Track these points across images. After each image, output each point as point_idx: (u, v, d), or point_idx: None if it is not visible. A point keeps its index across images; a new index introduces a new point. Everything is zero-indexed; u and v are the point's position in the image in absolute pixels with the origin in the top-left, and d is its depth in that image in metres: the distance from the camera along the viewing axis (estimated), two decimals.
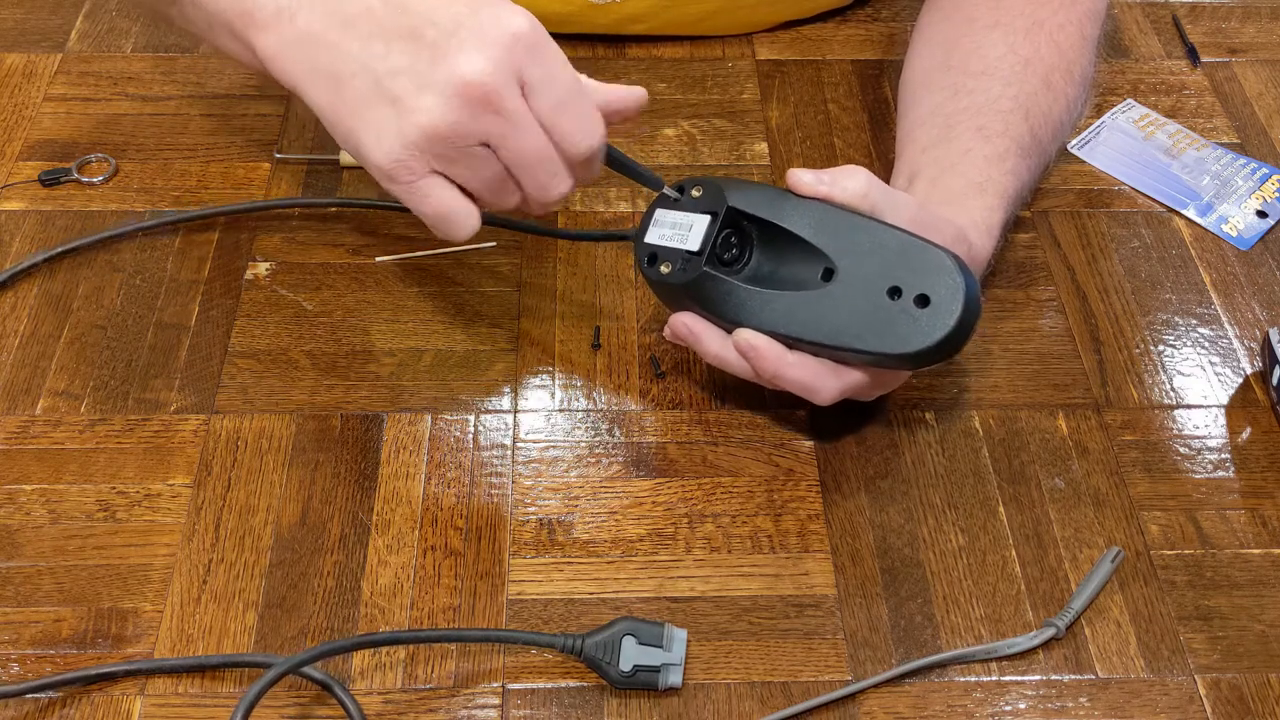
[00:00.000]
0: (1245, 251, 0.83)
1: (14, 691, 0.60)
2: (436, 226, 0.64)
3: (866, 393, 0.69)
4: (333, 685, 0.61)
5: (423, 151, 0.61)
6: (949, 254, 0.64)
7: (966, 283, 0.63)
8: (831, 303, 0.65)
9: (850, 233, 0.65)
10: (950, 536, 0.68)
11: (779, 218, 0.67)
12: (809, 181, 0.66)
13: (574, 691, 0.62)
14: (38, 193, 0.84)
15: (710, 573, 0.67)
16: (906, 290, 0.64)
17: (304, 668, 0.60)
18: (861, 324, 0.64)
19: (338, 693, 0.60)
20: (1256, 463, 0.72)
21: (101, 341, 0.76)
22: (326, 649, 0.60)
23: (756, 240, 0.68)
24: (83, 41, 0.95)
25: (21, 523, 0.68)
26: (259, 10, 0.64)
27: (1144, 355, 0.77)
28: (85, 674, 0.61)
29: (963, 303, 0.63)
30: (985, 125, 0.76)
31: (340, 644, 0.61)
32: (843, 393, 0.67)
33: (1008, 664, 0.64)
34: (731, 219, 0.68)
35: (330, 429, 0.72)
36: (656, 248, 0.68)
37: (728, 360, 0.67)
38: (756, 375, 0.67)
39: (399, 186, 0.62)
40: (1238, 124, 0.92)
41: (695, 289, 0.67)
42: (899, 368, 0.67)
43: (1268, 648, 0.65)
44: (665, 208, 0.69)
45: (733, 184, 0.68)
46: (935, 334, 0.63)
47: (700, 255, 0.67)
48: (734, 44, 0.96)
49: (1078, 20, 0.82)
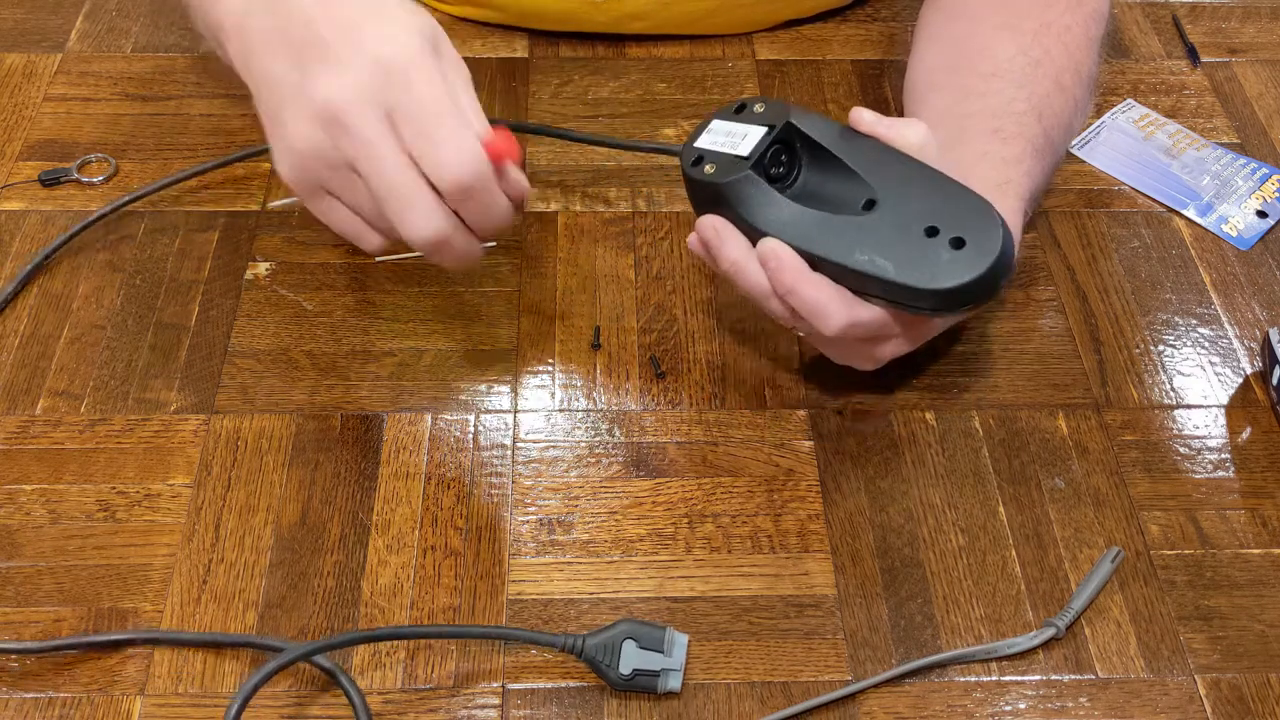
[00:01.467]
0: (1245, 251, 0.83)
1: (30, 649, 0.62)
2: (345, 239, 0.64)
3: (873, 347, 0.68)
4: (338, 674, 0.61)
5: (303, 170, 0.61)
6: (992, 207, 0.64)
7: (1005, 237, 0.63)
8: (868, 231, 0.64)
9: (899, 170, 0.66)
10: (950, 536, 0.68)
11: (833, 145, 0.67)
12: (870, 120, 0.67)
13: (574, 692, 0.62)
14: (38, 193, 0.84)
15: (710, 573, 0.67)
16: (944, 230, 0.63)
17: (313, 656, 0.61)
18: (894, 254, 0.63)
19: (342, 682, 0.61)
20: (1256, 463, 0.72)
21: (101, 341, 0.76)
22: (330, 643, 0.60)
23: (805, 164, 0.68)
24: (83, 41, 0.95)
25: (21, 523, 0.68)
26: (226, 18, 0.65)
27: (1144, 355, 0.77)
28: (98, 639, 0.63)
29: (998, 251, 0.63)
30: (1001, 127, 0.75)
31: (343, 638, 0.61)
32: (852, 325, 0.65)
33: (1008, 664, 0.64)
34: (786, 136, 0.68)
35: (330, 429, 0.72)
36: (705, 151, 0.68)
37: (745, 270, 0.66)
38: (771, 290, 0.65)
39: (303, 201, 0.63)
40: (1238, 124, 0.92)
41: (734, 191, 0.66)
42: (919, 308, 0.65)
43: (1268, 648, 0.65)
44: (723, 119, 0.70)
45: (796, 107, 0.69)
46: (965, 276, 0.62)
47: (748, 160, 0.67)
48: (734, 44, 0.96)
49: (1083, 21, 0.82)
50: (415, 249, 0.62)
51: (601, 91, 0.92)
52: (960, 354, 0.77)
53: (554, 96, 0.91)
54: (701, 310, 0.78)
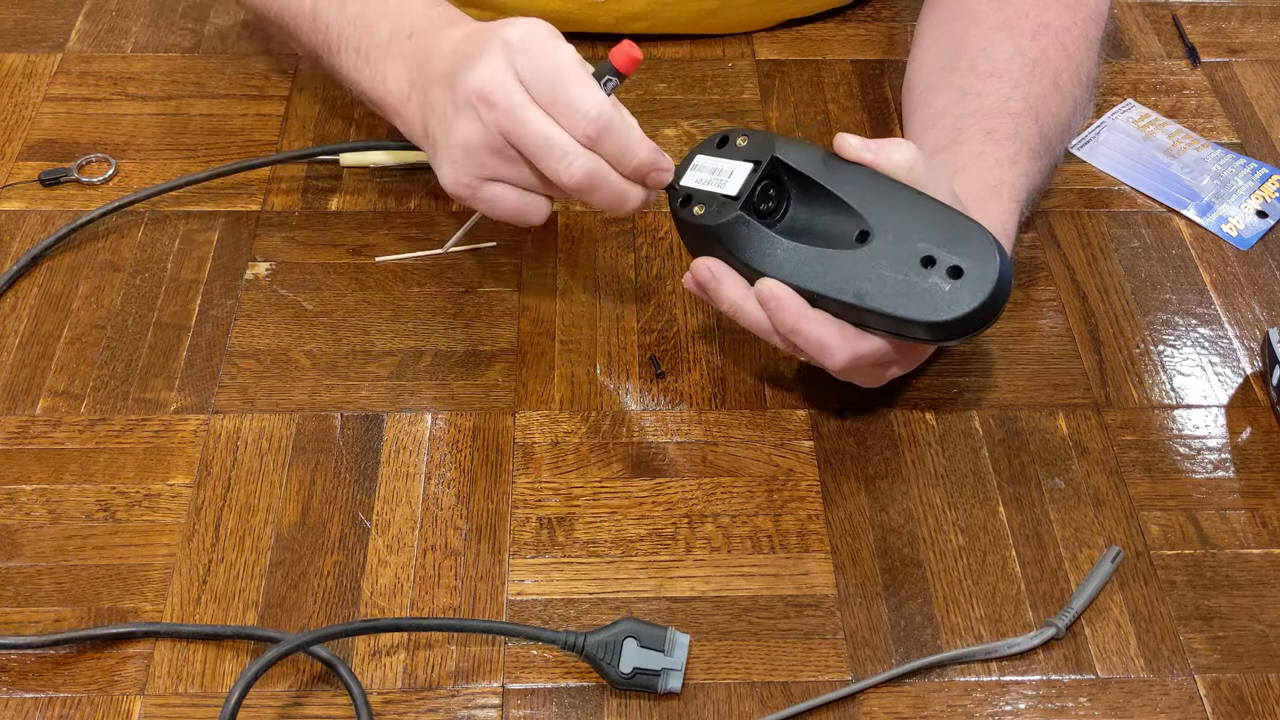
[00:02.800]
0: (1245, 251, 0.83)
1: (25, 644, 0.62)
2: (515, 222, 0.70)
3: (877, 371, 0.68)
4: (337, 665, 0.61)
5: (466, 164, 0.67)
6: (987, 232, 0.64)
7: (1001, 262, 0.63)
8: (863, 264, 0.64)
9: (890, 199, 0.65)
10: (950, 536, 0.68)
11: (821, 176, 0.67)
12: (856, 146, 0.67)
13: (574, 691, 0.62)
14: (38, 193, 0.84)
15: (710, 573, 0.67)
16: (940, 261, 0.63)
17: (312, 647, 0.61)
18: (891, 288, 0.63)
19: (342, 673, 0.61)
20: (1256, 463, 0.72)
21: (101, 341, 0.76)
22: (330, 631, 0.61)
23: (794, 197, 0.68)
24: (83, 41, 0.95)
25: (21, 523, 0.68)
26: (391, 97, 0.74)
27: (1144, 355, 0.77)
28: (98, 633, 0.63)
29: (996, 280, 0.62)
30: (995, 128, 0.75)
31: (344, 628, 0.61)
32: (856, 359, 0.66)
33: (1008, 664, 0.64)
34: (773, 171, 0.67)
35: (330, 429, 0.72)
36: (693, 190, 0.68)
37: (745, 310, 0.67)
38: (772, 328, 0.66)
39: (468, 201, 0.69)
40: (1238, 124, 0.92)
41: (727, 232, 0.66)
42: (920, 339, 0.65)
43: (1268, 648, 0.65)
44: (706, 154, 0.69)
45: (779, 137, 0.68)
46: (964, 306, 0.62)
47: (737, 200, 0.66)
48: (734, 44, 0.96)
49: (1082, 22, 0.82)
50: (572, 193, 0.67)
51: None
52: (960, 354, 0.77)
53: None
54: (701, 310, 0.78)
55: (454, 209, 0.84)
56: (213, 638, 0.63)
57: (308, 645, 0.60)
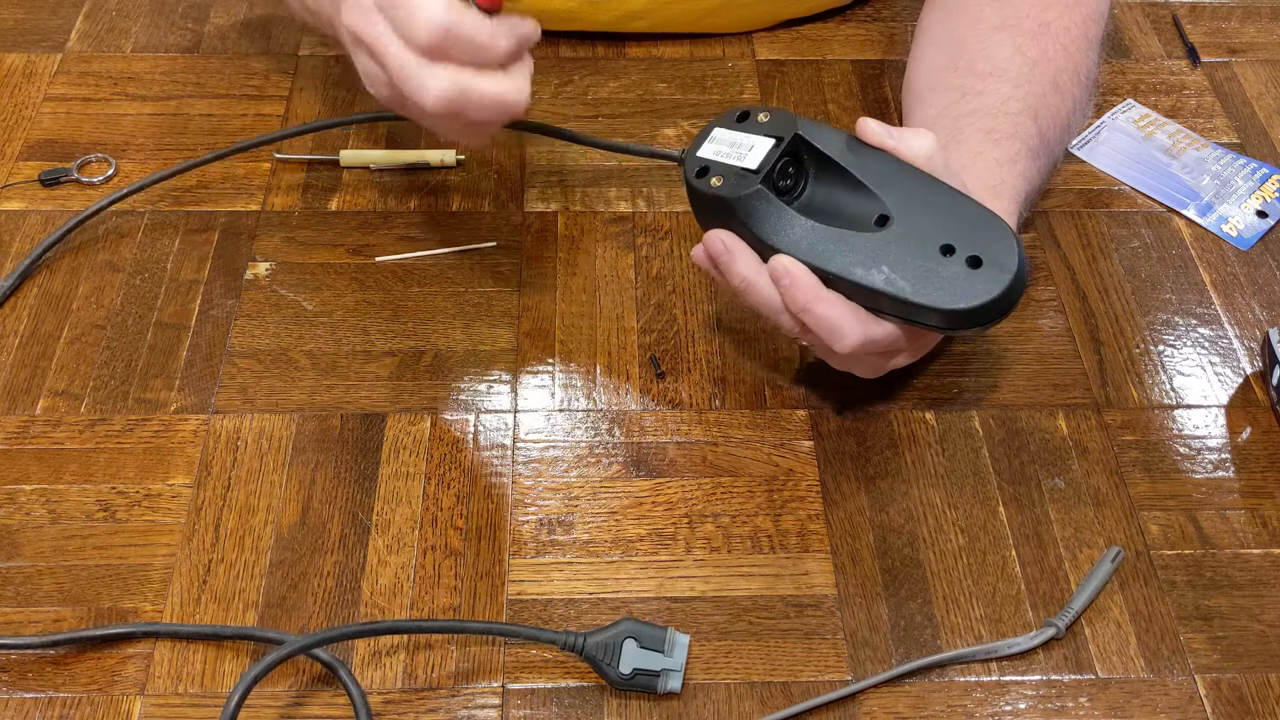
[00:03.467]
0: (1245, 251, 0.83)
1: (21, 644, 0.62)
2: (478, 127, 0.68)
3: (881, 360, 0.68)
4: (338, 668, 0.61)
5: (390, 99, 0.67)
6: (1006, 224, 0.64)
7: (1020, 253, 0.63)
8: (882, 248, 0.64)
9: (911, 185, 0.65)
10: (950, 536, 0.68)
11: (843, 158, 0.66)
12: (878, 131, 0.66)
13: (574, 691, 0.62)
14: (38, 193, 0.84)
15: (710, 573, 0.67)
16: (960, 249, 0.63)
17: (313, 649, 0.61)
18: (909, 274, 0.63)
19: (342, 675, 0.61)
20: (1256, 463, 0.72)
21: (101, 341, 0.76)
22: (331, 634, 0.60)
23: (813, 176, 0.67)
24: (83, 41, 0.95)
25: (21, 523, 0.68)
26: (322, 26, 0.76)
27: (1144, 355, 0.77)
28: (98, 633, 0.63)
29: (1015, 271, 0.62)
30: (994, 128, 0.75)
31: (344, 630, 0.61)
32: (867, 343, 0.65)
33: (1008, 664, 0.64)
34: (794, 149, 0.67)
35: (330, 429, 0.72)
36: (710, 162, 0.67)
37: (756, 286, 0.65)
38: (782, 306, 0.65)
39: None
40: (1238, 124, 0.92)
41: (745, 206, 0.65)
42: (934, 326, 0.65)
43: (1268, 648, 0.65)
44: (725, 128, 0.68)
45: (801, 117, 0.68)
46: (982, 295, 0.62)
47: (757, 174, 0.66)
48: (734, 44, 0.96)
49: (1082, 22, 0.82)
50: (433, 118, 0.66)
51: (601, 91, 0.92)
52: (960, 354, 0.77)
53: (554, 96, 0.91)
54: (701, 310, 0.78)
55: (455, 209, 0.84)
56: (213, 638, 0.63)
57: (309, 648, 0.60)
